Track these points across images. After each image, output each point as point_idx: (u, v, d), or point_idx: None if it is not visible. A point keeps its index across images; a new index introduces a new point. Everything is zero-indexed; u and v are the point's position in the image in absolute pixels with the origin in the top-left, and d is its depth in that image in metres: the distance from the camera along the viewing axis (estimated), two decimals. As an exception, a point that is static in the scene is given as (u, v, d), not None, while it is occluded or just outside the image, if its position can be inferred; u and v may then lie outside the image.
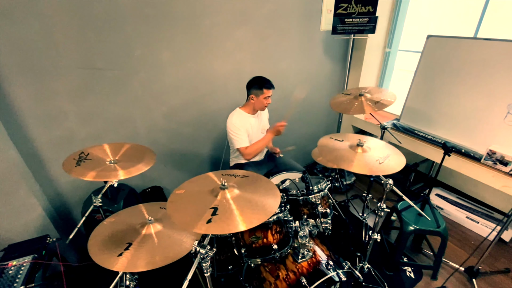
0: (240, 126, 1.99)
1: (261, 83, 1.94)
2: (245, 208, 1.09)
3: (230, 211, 1.07)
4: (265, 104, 2.00)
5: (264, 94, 1.95)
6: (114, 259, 1.19)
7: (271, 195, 1.18)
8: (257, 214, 1.06)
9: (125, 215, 1.49)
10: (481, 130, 2.17)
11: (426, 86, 2.46)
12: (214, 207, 1.06)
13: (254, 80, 1.97)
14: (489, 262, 2.12)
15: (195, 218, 1.04)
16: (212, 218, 1.01)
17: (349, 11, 2.38)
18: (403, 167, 1.30)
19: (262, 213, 1.06)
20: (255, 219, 1.03)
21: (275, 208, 1.08)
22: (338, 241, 2.12)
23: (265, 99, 1.97)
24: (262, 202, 1.13)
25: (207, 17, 2.10)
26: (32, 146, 1.85)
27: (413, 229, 1.84)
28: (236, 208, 1.09)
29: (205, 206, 1.09)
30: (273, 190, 1.20)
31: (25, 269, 1.54)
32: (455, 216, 2.53)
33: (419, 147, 2.51)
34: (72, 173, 1.40)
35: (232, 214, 1.05)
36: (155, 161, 1.55)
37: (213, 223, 0.99)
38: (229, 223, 1.01)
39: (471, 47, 2.15)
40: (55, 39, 1.68)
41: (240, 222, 1.01)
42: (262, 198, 1.16)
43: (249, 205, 1.12)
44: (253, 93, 1.97)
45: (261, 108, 2.05)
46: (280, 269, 1.44)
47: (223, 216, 1.04)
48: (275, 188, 1.21)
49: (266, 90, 1.94)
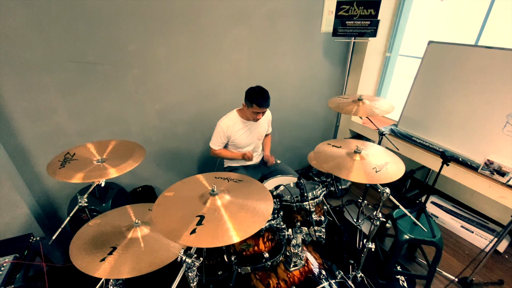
0: (226, 131, 1.96)
1: (254, 99, 1.81)
2: (233, 219, 1.02)
3: (217, 221, 1.01)
4: (253, 117, 1.89)
5: (253, 109, 1.83)
6: (96, 265, 1.13)
7: (263, 202, 1.12)
8: (246, 226, 0.99)
9: (111, 216, 1.43)
10: (479, 139, 2.15)
11: (425, 92, 2.43)
12: (201, 216, 1.00)
13: (252, 90, 1.85)
14: (483, 273, 2.09)
15: (180, 226, 0.98)
16: (197, 228, 0.95)
17: (351, 13, 2.34)
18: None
19: (252, 225, 1.00)
20: (243, 231, 0.96)
21: (264, 222, 1.02)
22: (331, 247, 2.07)
23: (253, 113, 1.86)
24: (252, 212, 1.07)
25: (204, 14, 2.04)
26: (18, 141, 1.77)
27: (408, 238, 1.80)
28: (225, 217, 1.02)
29: (192, 214, 1.03)
30: (266, 197, 1.15)
31: (5, 269, 1.48)
32: (450, 225, 2.50)
33: (416, 154, 2.48)
34: (56, 176, 1.32)
35: (219, 225, 0.98)
36: (145, 156, 1.49)
37: (198, 234, 0.93)
38: (214, 235, 0.94)
39: (472, 55, 2.12)
40: (44, 30, 1.61)
41: (226, 235, 0.94)
42: (253, 206, 1.10)
43: (239, 216, 1.05)
44: (245, 103, 1.89)
45: (248, 118, 1.96)
46: (271, 277, 1.39)
47: (209, 227, 0.97)
48: (268, 195, 1.15)
49: (256, 106, 1.81)
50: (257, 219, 1.03)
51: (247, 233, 0.95)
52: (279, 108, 2.78)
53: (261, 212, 1.06)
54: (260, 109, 1.83)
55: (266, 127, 2.20)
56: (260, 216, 1.05)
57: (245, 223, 1.01)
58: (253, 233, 0.95)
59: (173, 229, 0.97)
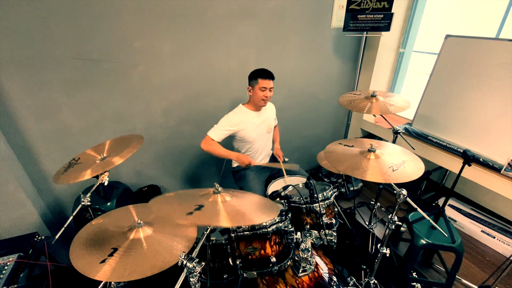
0: (233, 124, 1.86)
1: (257, 73, 1.80)
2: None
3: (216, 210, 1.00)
4: (261, 96, 1.82)
5: (259, 84, 1.78)
6: (96, 266, 1.08)
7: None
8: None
9: (114, 216, 1.39)
10: (502, 138, 2.01)
11: (442, 89, 2.30)
12: (200, 205, 0.99)
13: (253, 71, 1.84)
14: (506, 281, 1.95)
15: (178, 211, 0.99)
16: (195, 212, 0.94)
17: (363, 6, 2.24)
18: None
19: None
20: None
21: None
22: (342, 252, 1.98)
23: (260, 90, 1.80)
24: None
25: (210, 10, 1.99)
26: (24, 139, 1.76)
27: (425, 243, 1.69)
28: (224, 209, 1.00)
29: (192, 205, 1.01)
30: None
31: (9, 269, 1.46)
32: (469, 230, 2.36)
33: (433, 154, 2.35)
34: (59, 181, 1.32)
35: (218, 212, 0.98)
36: (143, 141, 1.46)
37: (194, 216, 0.94)
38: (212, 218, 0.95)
39: (493, 49, 1.99)
40: (49, 27, 1.60)
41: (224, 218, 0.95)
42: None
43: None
44: (250, 85, 1.84)
45: (259, 101, 1.86)
46: (278, 282, 1.32)
47: (207, 211, 0.98)
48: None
49: (261, 79, 1.77)
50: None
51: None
52: (287, 106, 2.70)
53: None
54: (265, 82, 1.78)
55: (273, 117, 2.13)
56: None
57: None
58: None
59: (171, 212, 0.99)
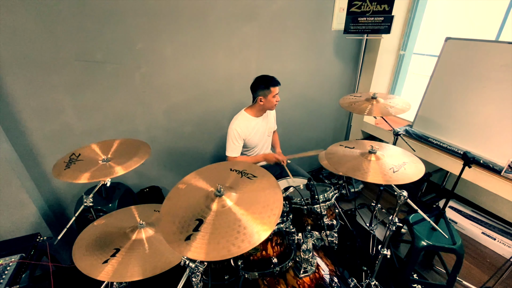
0: (241, 133, 1.90)
1: (267, 82, 1.84)
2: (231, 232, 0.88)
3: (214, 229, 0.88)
4: (274, 102, 1.91)
5: (272, 93, 1.85)
6: (99, 267, 1.09)
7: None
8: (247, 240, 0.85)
9: (116, 217, 1.40)
10: (503, 140, 2.02)
11: (442, 91, 2.31)
12: (200, 219, 0.90)
13: (258, 81, 1.87)
14: (508, 283, 1.96)
15: (177, 231, 0.89)
16: (192, 235, 0.84)
17: (363, 9, 2.26)
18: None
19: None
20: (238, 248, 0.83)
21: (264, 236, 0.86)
22: (343, 253, 1.98)
23: (274, 98, 1.88)
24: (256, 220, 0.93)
25: (212, 12, 2.00)
26: (27, 140, 1.78)
27: (425, 245, 1.70)
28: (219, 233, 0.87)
29: (193, 216, 0.93)
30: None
31: (11, 269, 1.47)
32: (470, 231, 2.37)
33: (433, 156, 2.36)
34: (61, 177, 1.30)
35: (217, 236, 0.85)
36: (150, 153, 1.45)
37: (192, 242, 0.82)
38: (209, 247, 0.81)
39: (493, 51, 2.01)
40: (53, 30, 1.61)
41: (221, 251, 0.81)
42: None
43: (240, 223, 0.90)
44: (261, 95, 1.86)
45: (271, 107, 1.95)
46: (279, 283, 1.32)
47: (205, 235, 0.85)
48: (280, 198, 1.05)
49: (273, 88, 1.84)
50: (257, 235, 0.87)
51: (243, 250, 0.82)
52: (288, 108, 2.71)
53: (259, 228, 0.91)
54: (276, 88, 1.87)
55: (274, 122, 2.16)
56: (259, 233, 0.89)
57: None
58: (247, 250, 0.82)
59: (171, 232, 0.89)
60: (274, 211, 0.93)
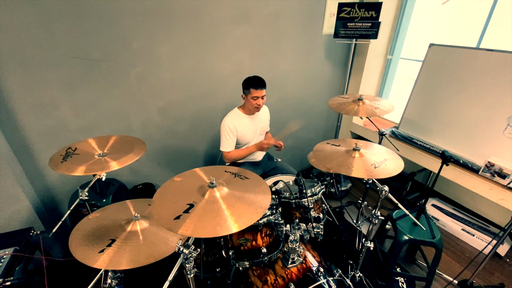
0: (233, 129, 1.95)
1: (248, 83, 1.88)
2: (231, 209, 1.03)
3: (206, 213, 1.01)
4: (254, 104, 1.91)
5: (252, 94, 1.87)
6: (95, 256, 1.14)
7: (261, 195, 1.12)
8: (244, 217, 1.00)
9: (111, 210, 1.43)
10: (480, 141, 2.14)
11: (426, 95, 2.44)
12: (191, 204, 1.02)
13: (246, 79, 1.92)
14: (484, 276, 2.07)
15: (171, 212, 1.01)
16: (182, 215, 0.97)
17: (352, 15, 2.36)
18: (400, 175, 1.27)
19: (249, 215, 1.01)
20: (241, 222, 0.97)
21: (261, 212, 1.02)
22: (330, 248, 2.07)
23: (252, 99, 1.89)
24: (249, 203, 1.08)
25: (207, 13, 2.07)
26: (21, 135, 1.80)
27: (407, 239, 1.80)
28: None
29: (185, 202, 1.05)
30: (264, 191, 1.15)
31: (5, 262, 1.49)
32: (451, 228, 2.49)
33: (417, 156, 2.47)
34: (58, 169, 1.34)
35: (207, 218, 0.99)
36: (146, 150, 1.50)
37: (181, 222, 0.95)
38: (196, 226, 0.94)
39: (473, 57, 2.13)
40: (50, 27, 1.65)
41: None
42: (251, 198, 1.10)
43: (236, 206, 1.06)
44: (244, 93, 1.93)
45: (252, 109, 1.97)
46: (268, 273, 1.39)
47: (194, 217, 0.98)
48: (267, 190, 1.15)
49: (252, 90, 1.86)
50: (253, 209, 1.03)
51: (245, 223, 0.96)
52: (280, 108, 2.79)
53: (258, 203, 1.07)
54: (257, 91, 1.86)
55: (267, 122, 2.22)
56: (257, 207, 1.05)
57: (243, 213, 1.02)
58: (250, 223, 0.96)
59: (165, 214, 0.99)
60: (252, 216, 1.02)
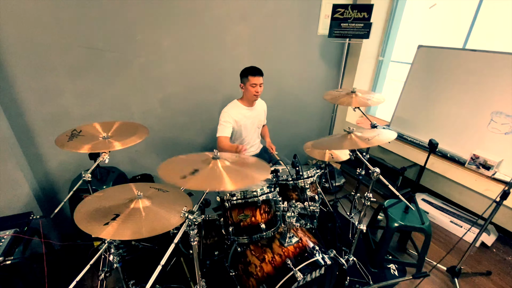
0: (231, 116, 2.03)
1: (247, 71, 1.98)
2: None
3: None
4: (253, 92, 1.99)
5: (250, 81, 1.96)
6: (100, 227, 1.18)
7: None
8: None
9: (113, 191, 1.48)
10: (466, 136, 2.27)
11: (415, 94, 2.57)
12: (196, 169, 1.15)
13: (243, 69, 2.02)
14: (472, 264, 2.16)
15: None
16: (187, 176, 1.10)
17: (345, 16, 2.50)
18: (391, 170, 1.36)
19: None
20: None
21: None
22: (325, 235, 2.13)
23: (251, 87, 1.98)
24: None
25: (208, 10, 2.17)
26: (24, 120, 1.83)
27: (398, 226, 1.88)
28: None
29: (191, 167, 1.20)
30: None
31: (6, 242, 1.51)
32: (440, 220, 2.58)
33: (407, 151, 2.59)
34: (65, 147, 1.39)
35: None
36: (148, 134, 1.56)
37: (187, 180, 1.08)
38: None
39: (459, 57, 2.27)
40: (59, 15, 1.71)
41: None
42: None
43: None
44: (242, 82, 2.02)
45: (251, 97, 2.04)
46: (266, 252, 1.44)
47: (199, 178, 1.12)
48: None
49: (251, 76, 1.95)
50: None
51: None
52: (276, 105, 2.88)
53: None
54: (255, 78, 1.95)
55: (264, 115, 2.30)
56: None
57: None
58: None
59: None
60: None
